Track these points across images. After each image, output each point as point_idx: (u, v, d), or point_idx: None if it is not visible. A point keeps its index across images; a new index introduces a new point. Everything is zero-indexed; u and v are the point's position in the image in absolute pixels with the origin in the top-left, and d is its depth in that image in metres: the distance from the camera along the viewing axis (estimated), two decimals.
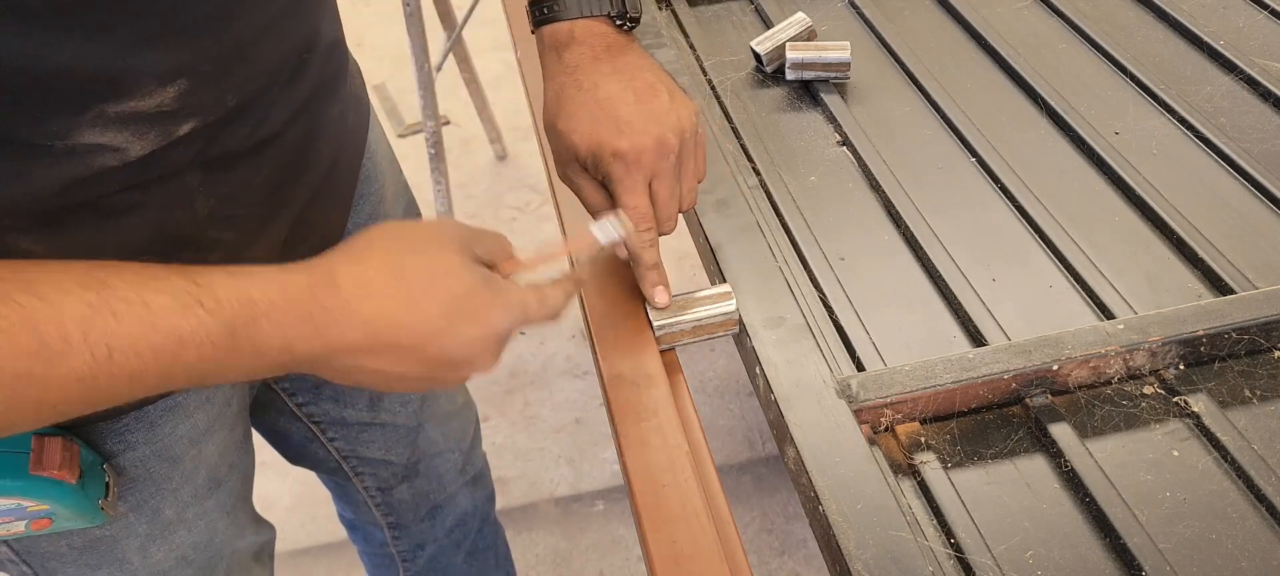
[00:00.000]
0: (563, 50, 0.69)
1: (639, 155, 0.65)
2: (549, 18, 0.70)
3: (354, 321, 0.52)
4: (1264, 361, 0.67)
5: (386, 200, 0.85)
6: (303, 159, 0.66)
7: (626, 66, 0.68)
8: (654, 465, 0.61)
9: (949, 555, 0.57)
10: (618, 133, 0.65)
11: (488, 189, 2.38)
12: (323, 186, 0.70)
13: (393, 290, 0.53)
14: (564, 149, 0.68)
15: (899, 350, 0.69)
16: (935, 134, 0.90)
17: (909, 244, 0.78)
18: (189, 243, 0.59)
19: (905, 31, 1.03)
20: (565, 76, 0.68)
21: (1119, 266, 0.74)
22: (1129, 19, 1.02)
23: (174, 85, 0.53)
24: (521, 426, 1.82)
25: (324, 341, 0.51)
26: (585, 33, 0.69)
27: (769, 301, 0.71)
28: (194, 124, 0.56)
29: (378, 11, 2.99)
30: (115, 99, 0.51)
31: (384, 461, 0.98)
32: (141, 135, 0.53)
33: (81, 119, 0.50)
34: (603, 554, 1.64)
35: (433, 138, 1.82)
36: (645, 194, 0.67)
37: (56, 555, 0.69)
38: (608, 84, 0.67)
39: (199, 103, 0.55)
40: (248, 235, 0.63)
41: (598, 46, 0.69)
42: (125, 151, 0.53)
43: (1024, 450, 0.63)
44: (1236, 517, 0.58)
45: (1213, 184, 0.81)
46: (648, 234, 0.67)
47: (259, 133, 0.61)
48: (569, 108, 0.67)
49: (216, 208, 0.60)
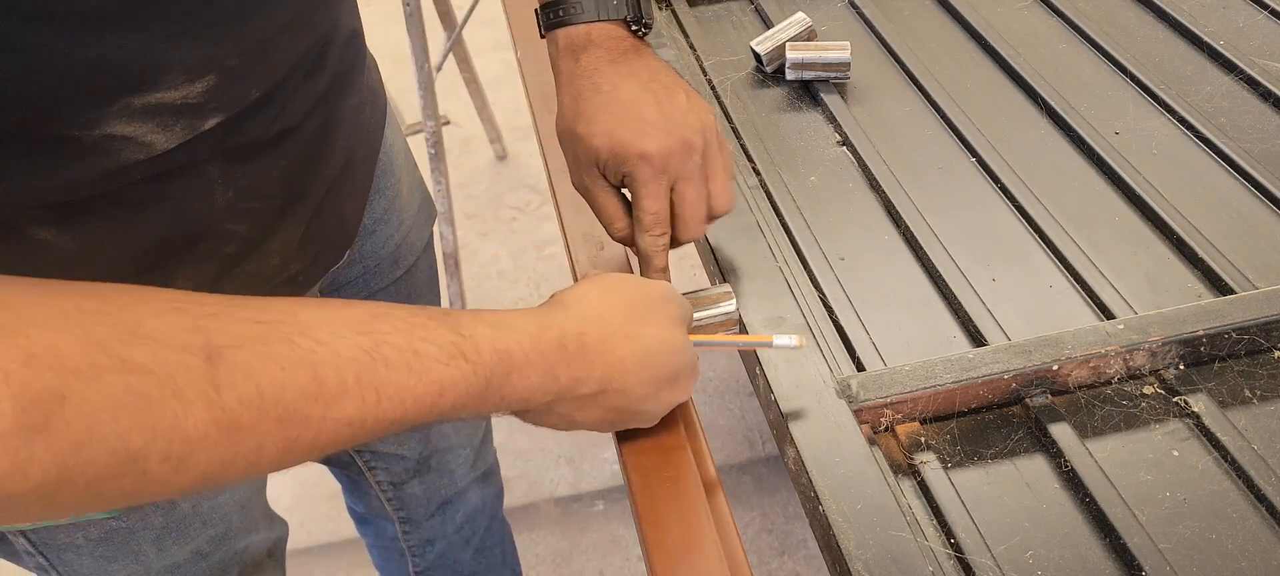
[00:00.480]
0: (579, 54, 0.69)
1: (665, 157, 0.64)
2: (563, 21, 0.69)
3: (592, 380, 0.55)
4: (1264, 361, 0.67)
5: (402, 195, 0.86)
6: (320, 151, 0.66)
7: (643, 69, 0.68)
8: (654, 465, 0.61)
9: (949, 555, 0.57)
10: (642, 134, 0.65)
11: (488, 189, 2.38)
12: (339, 179, 0.70)
13: (632, 362, 0.56)
14: (584, 152, 0.67)
15: (899, 350, 0.69)
16: (935, 134, 0.90)
17: (909, 244, 0.78)
18: (206, 233, 0.60)
19: (905, 31, 1.03)
20: (582, 80, 0.68)
21: (1119, 266, 0.74)
22: (1129, 19, 1.02)
23: (201, 80, 0.54)
24: (521, 426, 1.82)
25: (557, 393, 0.54)
26: (602, 36, 0.69)
27: (769, 301, 0.71)
28: (219, 118, 0.56)
29: (378, 11, 2.98)
30: (143, 91, 0.51)
31: (397, 455, 0.98)
32: (167, 127, 0.54)
33: (109, 110, 0.51)
34: (603, 554, 1.64)
35: (433, 138, 1.83)
36: (666, 198, 0.66)
37: (72, 547, 0.69)
38: (627, 86, 0.66)
39: (226, 96, 0.56)
40: (264, 228, 0.63)
41: (615, 50, 0.68)
42: (151, 144, 0.53)
43: (1024, 450, 0.63)
44: (1236, 517, 0.58)
45: (1213, 184, 0.81)
46: (662, 238, 0.67)
47: (278, 124, 0.61)
48: (589, 111, 0.66)
49: (234, 199, 0.60)
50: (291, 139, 0.63)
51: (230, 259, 0.62)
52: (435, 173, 1.84)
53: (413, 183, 0.89)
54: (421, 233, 0.91)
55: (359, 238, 0.80)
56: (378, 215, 0.82)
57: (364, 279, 0.84)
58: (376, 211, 0.81)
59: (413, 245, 0.89)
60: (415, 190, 0.89)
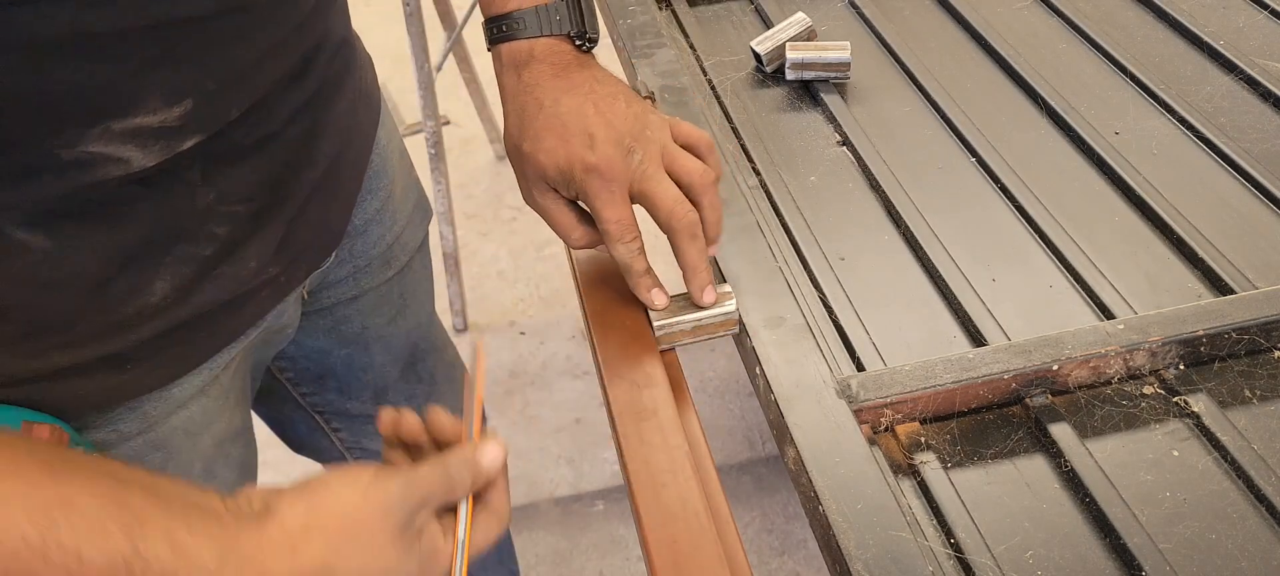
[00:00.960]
0: (522, 69, 0.69)
1: (612, 165, 0.65)
2: (507, 36, 0.70)
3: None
4: (1264, 361, 0.67)
5: (395, 196, 0.85)
6: (304, 155, 0.66)
7: (585, 81, 0.68)
8: (654, 465, 0.61)
9: (949, 555, 0.57)
10: (587, 147, 0.65)
11: (488, 189, 2.38)
12: (323, 183, 0.69)
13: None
14: (532, 171, 0.68)
15: (899, 350, 0.69)
16: (935, 134, 0.90)
17: (909, 244, 0.78)
18: (185, 236, 0.60)
19: (905, 31, 1.03)
20: (525, 96, 0.68)
21: (1119, 266, 0.74)
22: (1129, 19, 1.02)
23: (180, 105, 0.54)
24: (521, 426, 1.82)
25: None
26: (546, 51, 0.69)
27: (769, 301, 0.71)
28: (198, 138, 0.56)
29: (378, 11, 2.98)
30: (121, 116, 0.52)
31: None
32: (146, 147, 0.54)
33: (89, 133, 0.51)
34: (603, 554, 1.64)
35: (433, 138, 1.83)
36: (626, 204, 0.66)
37: None
38: (568, 99, 0.67)
39: (205, 118, 0.56)
40: (243, 231, 0.63)
41: (557, 65, 0.69)
42: (129, 161, 0.54)
43: (1024, 450, 0.63)
44: (1236, 517, 0.58)
45: (1213, 184, 0.81)
46: (634, 244, 0.67)
47: (260, 130, 0.61)
48: (533, 128, 0.67)
49: (215, 202, 0.60)
50: (275, 143, 0.62)
51: (209, 261, 0.62)
52: (435, 173, 1.84)
53: (407, 182, 0.89)
54: (416, 233, 0.91)
55: (349, 237, 0.80)
56: (370, 215, 0.82)
57: (354, 278, 0.84)
58: (368, 211, 0.81)
59: (406, 245, 0.89)
60: (410, 190, 0.89)
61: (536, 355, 1.95)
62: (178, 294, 0.60)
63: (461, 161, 2.46)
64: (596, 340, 0.70)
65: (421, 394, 0.96)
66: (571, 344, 1.97)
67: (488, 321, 2.02)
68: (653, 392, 0.65)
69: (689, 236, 0.67)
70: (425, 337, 0.96)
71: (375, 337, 0.89)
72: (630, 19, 1.02)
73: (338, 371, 0.90)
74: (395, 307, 0.90)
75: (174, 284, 0.60)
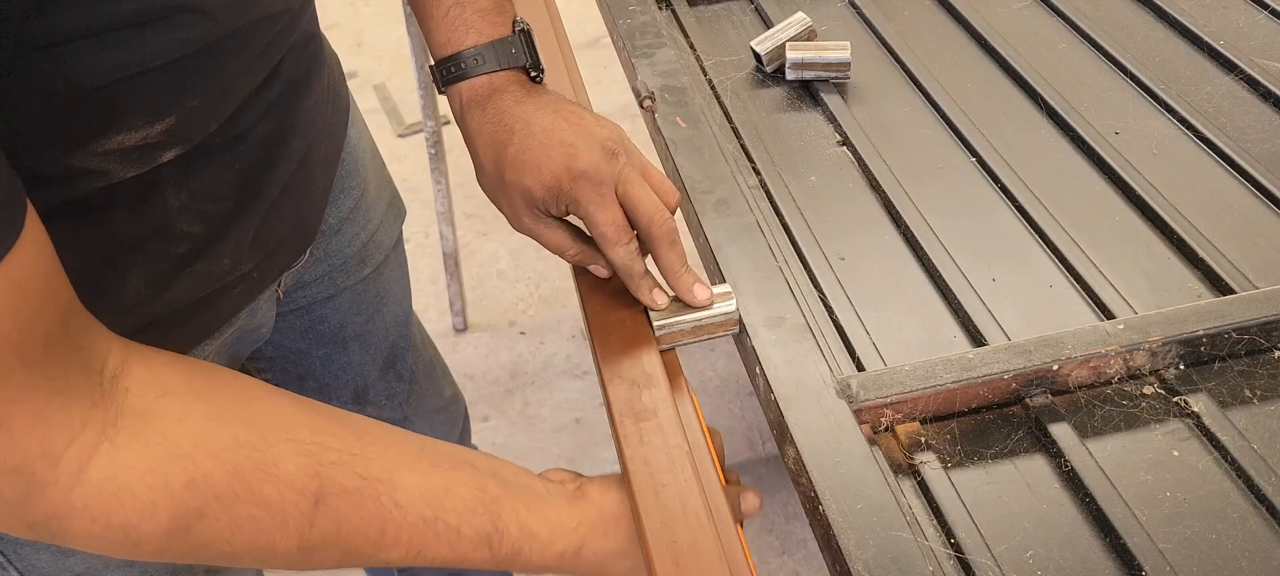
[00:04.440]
0: (485, 104, 0.70)
1: (597, 169, 0.66)
2: (463, 74, 0.70)
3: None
4: (1264, 361, 0.67)
5: (368, 194, 0.85)
6: (275, 153, 0.66)
7: (550, 102, 0.70)
8: (654, 465, 0.61)
9: (949, 555, 0.57)
10: (571, 156, 0.66)
11: None
12: (295, 180, 0.69)
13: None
14: (518, 196, 0.69)
15: (899, 350, 0.69)
16: (935, 134, 0.90)
17: (909, 244, 0.78)
18: (158, 234, 0.60)
19: (905, 31, 1.03)
20: (494, 127, 0.69)
21: (1119, 266, 0.74)
22: (1129, 19, 1.02)
23: (162, 122, 0.54)
24: (521, 426, 1.82)
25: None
26: (505, 83, 0.70)
27: (769, 301, 0.71)
28: (178, 151, 0.57)
29: (378, 11, 2.99)
30: (105, 137, 0.52)
31: None
32: (128, 161, 0.54)
33: (74, 153, 0.52)
34: None
35: (433, 138, 1.83)
36: (617, 207, 0.67)
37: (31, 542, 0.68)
38: (539, 117, 0.68)
39: (186, 132, 0.57)
40: (217, 228, 0.63)
41: (519, 93, 0.70)
42: (110, 175, 0.54)
43: (1024, 450, 0.63)
44: (1236, 517, 0.58)
45: (1213, 184, 0.81)
46: (630, 245, 0.68)
47: (231, 131, 0.61)
48: (510, 156, 0.68)
49: (188, 201, 0.60)
50: (245, 142, 0.63)
51: (183, 258, 0.62)
52: (435, 173, 1.84)
53: (380, 181, 0.89)
54: (390, 231, 0.91)
55: (322, 237, 0.80)
56: (343, 214, 0.82)
57: (330, 277, 0.84)
58: (342, 210, 0.81)
59: (381, 243, 0.89)
60: (383, 189, 0.89)
61: (536, 355, 1.95)
62: (151, 290, 0.61)
63: (462, 161, 2.45)
64: (596, 340, 0.70)
65: (402, 392, 0.97)
66: (571, 344, 1.97)
67: (488, 321, 2.03)
68: (652, 393, 0.65)
69: (669, 243, 0.68)
70: (403, 335, 0.97)
71: (353, 336, 0.90)
72: (630, 19, 1.02)
73: (317, 371, 0.90)
74: (372, 306, 0.90)
75: (147, 281, 0.60)
